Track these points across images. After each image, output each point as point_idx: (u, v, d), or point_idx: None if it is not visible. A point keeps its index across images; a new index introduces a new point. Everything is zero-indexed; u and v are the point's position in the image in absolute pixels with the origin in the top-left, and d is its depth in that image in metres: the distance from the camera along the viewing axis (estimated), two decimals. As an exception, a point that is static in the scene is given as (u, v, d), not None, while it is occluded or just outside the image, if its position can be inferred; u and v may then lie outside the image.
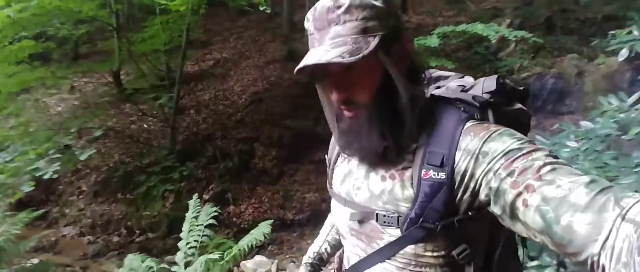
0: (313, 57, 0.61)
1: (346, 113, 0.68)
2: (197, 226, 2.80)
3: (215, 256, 2.27)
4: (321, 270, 1.07)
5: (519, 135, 0.61)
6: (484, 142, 0.60)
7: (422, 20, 7.34)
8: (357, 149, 0.70)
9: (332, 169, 0.84)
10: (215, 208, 3.02)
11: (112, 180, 5.47)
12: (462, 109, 0.67)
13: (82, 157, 4.09)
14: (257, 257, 4.06)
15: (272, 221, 2.90)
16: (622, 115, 1.77)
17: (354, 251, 0.76)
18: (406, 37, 0.65)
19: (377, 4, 0.61)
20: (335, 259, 0.95)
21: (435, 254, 0.65)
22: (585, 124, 2.14)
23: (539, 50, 5.88)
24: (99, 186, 5.54)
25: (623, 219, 0.44)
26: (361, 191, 0.73)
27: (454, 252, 0.65)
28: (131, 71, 7.14)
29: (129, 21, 8.24)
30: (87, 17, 4.96)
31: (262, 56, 7.54)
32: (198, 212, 2.94)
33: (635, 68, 4.72)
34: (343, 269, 0.85)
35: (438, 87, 0.81)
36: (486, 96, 0.71)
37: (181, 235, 2.75)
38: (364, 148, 0.68)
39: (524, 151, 0.56)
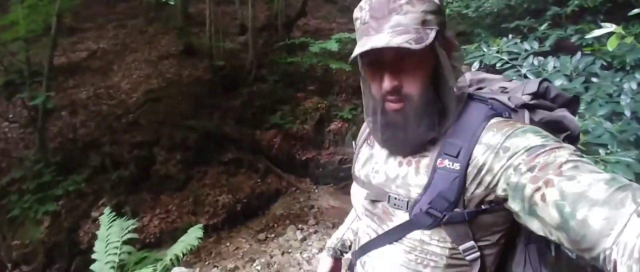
0: (379, 41, 0.60)
1: (392, 106, 0.68)
2: (113, 243, 2.50)
3: (149, 269, 2.11)
4: (342, 255, 1.14)
5: (545, 133, 0.61)
6: (506, 138, 0.61)
7: (319, 25, 7.82)
8: (401, 142, 0.70)
9: (357, 154, 0.86)
10: (132, 221, 2.73)
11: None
12: (491, 106, 0.69)
13: None
14: (176, 269, 3.79)
15: (201, 225, 2.79)
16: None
17: (366, 232, 0.79)
18: (452, 36, 0.68)
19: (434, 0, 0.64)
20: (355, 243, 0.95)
21: (441, 244, 0.67)
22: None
23: (414, 56, 7.00)
24: None
25: (638, 215, 0.44)
26: (379, 174, 0.76)
27: (461, 248, 0.66)
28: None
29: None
30: None
31: (154, 50, 6.79)
32: (111, 227, 2.62)
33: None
34: (354, 249, 0.87)
35: (480, 88, 0.82)
36: (526, 98, 0.72)
37: (96, 256, 2.42)
38: (410, 140, 0.68)
39: (548, 148, 0.56)
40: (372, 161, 0.80)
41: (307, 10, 7.23)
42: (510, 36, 2.54)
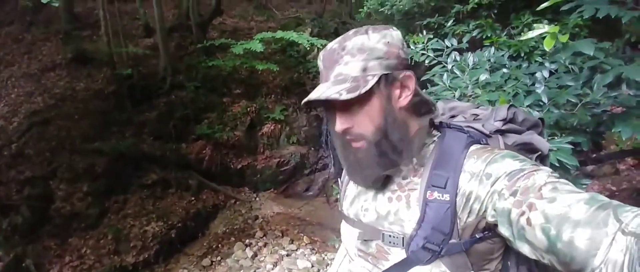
0: (316, 91, 0.67)
1: (353, 143, 0.70)
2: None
3: None
4: None
5: (521, 157, 0.64)
6: (487, 164, 0.63)
7: (236, 24, 7.34)
8: (361, 178, 0.73)
9: (343, 191, 0.85)
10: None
11: None
12: (469, 134, 0.71)
13: None
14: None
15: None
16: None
17: None
18: (407, 75, 0.67)
19: (378, 46, 0.66)
20: None
21: None
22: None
23: (335, 53, 7.09)
24: None
25: (623, 232, 0.45)
26: (369, 212, 0.74)
27: None
28: None
29: None
30: None
31: (34, 60, 5.53)
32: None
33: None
34: None
35: (453, 116, 0.85)
36: (498, 124, 0.76)
37: None
38: (368, 177, 0.72)
39: (526, 171, 0.58)
40: (360, 198, 0.78)
41: (221, 8, 6.70)
42: (424, 32, 2.67)
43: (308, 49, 5.83)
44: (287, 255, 4.12)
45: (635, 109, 1.62)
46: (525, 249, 0.57)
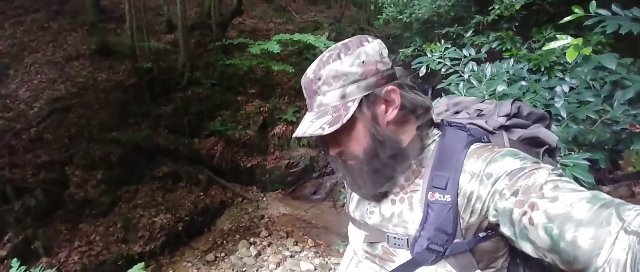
0: (302, 126, 0.68)
1: (348, 162, 0.72)
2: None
3: None
4: None
5: (523, 154, 0.62)
6: (487, 164, 0.62)
7: (255, 24, 7.45)
8: (361, 194, 0.75)
9: (350, 194, 0.85)
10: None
11: None
12: (469, 132, 0.70)
13: None
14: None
15: (142, 264, 2.35)
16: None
17: None
18: (390, 89, 0.66)
19: (353, 70, 0.64)
20: None
21: None
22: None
23: (350, 58, 7.08)
24: None
25: (626, 231, 0.45)
26: (374, 215, 0.75)
27: None
28: None
29: None
30: None
31: (59, 49, 5.72)
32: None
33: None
34: None
35: (457, 112, 0.83)
36: (501, 120, 0.74)
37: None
38: (366, 194, 0.73)
39: (527, 170, 0.57)
40: (365, 201, 0.78)
41: (242, 8, 6.81)
42: (442, 41, 2.65)
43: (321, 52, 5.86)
44: (291, 256, 4.11)
45: (654, 125, 1.57)
46: (527, 249, 0.56)
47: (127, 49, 5.72)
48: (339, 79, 0.64)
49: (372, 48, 0.66)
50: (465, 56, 2.35)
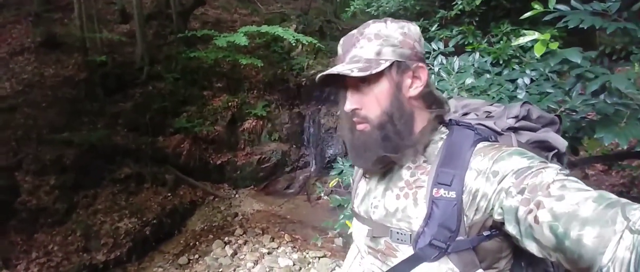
0: (331, 69, 0.70)
1: (358, 126, 0.72)
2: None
3: None
4: None
5: (530, 154, 0.63)
6: (494, 162, 0.62)
7: (219, 15, 7.12)
8: (363, 161, 0.75)
9: (355, 189, 0.85)
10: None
11: None
12: (476, 132, 0.71)
13: None
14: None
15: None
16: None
17: (371, 269, 0.78)
18: (420, 66, 0.69)
19: (394, 34, 0.69)
20: None
21: None
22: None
23: (318, 52, 7.00)
24: None
25: (630, 231, 0.45)
26: (378, 209, 0.75)
27: None
28: None
29: None
30: None
31: (3, 44, 5.11)
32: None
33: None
34: None
35: (466, 114, 0.84)
36: (510, 121, 0.74)
37: None
38: (368, 159, 0.72)
39: (534, 169, 0.58)
40: (370, 195, 0.78)
41: (205, -2, 6.49)
42: None
43: (294, 44, 5.77)
44: (268, 253, 4.07)
45: (613, 117, 1.72)
46: (532, 248, 0.56)
47: (76, 40, 5.23)
48: (379, 38, 0.68)
49: (415, 29, 0.71)
50: (434, 49, 2.43)
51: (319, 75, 0.70)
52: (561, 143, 0.72)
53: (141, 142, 5.20)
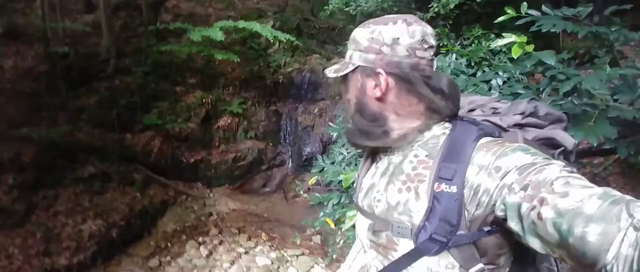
0: (328, 67, 0.83)
1: (348, 111, 0.82)
2: None
3: None
4: None
5: (534, 150, 0.63)
6: (497, 158, 0.62)
7: (193, 8, 6.88)
8: (350, 138, 0.84)
9: (359, 183, 0.86)
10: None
11: None
12: (479, 127, 0.71)
13: None
14: None
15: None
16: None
17: (373, 264, 0.78)
18: (378, 73, 0.72)
19: (361, 41, 0.75)
20: None
21: (448, 270, 0.67)
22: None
23: (295, 49, 6.93)
24: None
25: (634, 228, 0.45)
26: (381, 203, 0.75)
27: (471, 271, 0.66)
28: None
29: None
30: None
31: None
32: None
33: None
34: None
35: (472, 110, 0.84)
36: (516, 118, 0.74)
37: None
38: (352, 141, 0.83)
39: (538, 165, 0.57)
40: (373, 190, 0.79)
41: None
42: None
43: (272, 41, 5.69)
44: (245, 253, 3.97)
45: (583, 116, 1.81)
46: (535, 244, 0.56)
47: (37, 31, 4.86)
48: (352, 43, 0.77)
49: (390, 31, 0.72)
50: (410, 49, 2.49)
51: (326, 70, 0.83)
52: (569, 141, 0.72)
53: (107, 139, 4.91)
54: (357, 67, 0.75)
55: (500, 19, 1.91)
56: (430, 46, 0.73)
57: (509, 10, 1.88)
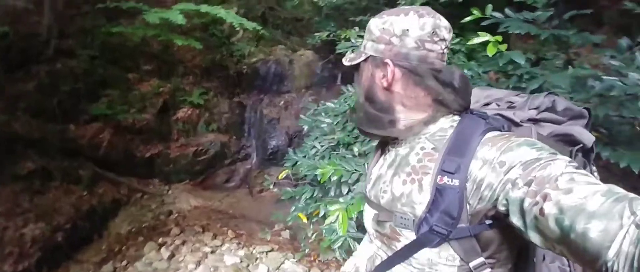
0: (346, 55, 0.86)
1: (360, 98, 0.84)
2: None
3: None
4: None
5: (540, 145, 0.62)
6: (501, 152, 0.61)
7: (147, -13, 6.27)
8: (363, 131, 0.84)
9: (369, 174, 0.88)
10: None
11: None
12: (487, 121, 0.70)
13: None
14: None
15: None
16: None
17: (378, 253, 0.80)
18: (386, 63, 0.75)
19: (374, 30, 0.77)
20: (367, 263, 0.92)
21: (449, 263, 0.67)
22: (329, 104, 2.91)
23: (260, 39, 6.69)
24: None
25: (636, 225, 0.45)
26: (386, 194, 0.76)
27: (471, 264, 0.66)
28: None
29: None
30: None
31: None
32: None
33: (322, 58, 6.53)
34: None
35: (487, 104, 0.83)
36: (531, 113, 0.74)
37: None
38: (361, 126, 0.84)
39: (543, 161, 0.57)
40: (380, 180, 0.80)
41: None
42: (357, 28, 2.89)
43: (236, 29, 5.41)
44: (212, 252, 3.80)
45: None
46: (536, 240, 0.56)
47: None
48: (367, 33, 0.79)
49: (401, 22, 0.72)
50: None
51: (343, 59, 0.85)
52: (587, 137, 0.70)
53: (47, 131, 4.35)
54: (369, 57, 0.77)
55: (467, 19, 1.99)
56: (441, 39, 0.72)
57: (475, 11, 1.96)
